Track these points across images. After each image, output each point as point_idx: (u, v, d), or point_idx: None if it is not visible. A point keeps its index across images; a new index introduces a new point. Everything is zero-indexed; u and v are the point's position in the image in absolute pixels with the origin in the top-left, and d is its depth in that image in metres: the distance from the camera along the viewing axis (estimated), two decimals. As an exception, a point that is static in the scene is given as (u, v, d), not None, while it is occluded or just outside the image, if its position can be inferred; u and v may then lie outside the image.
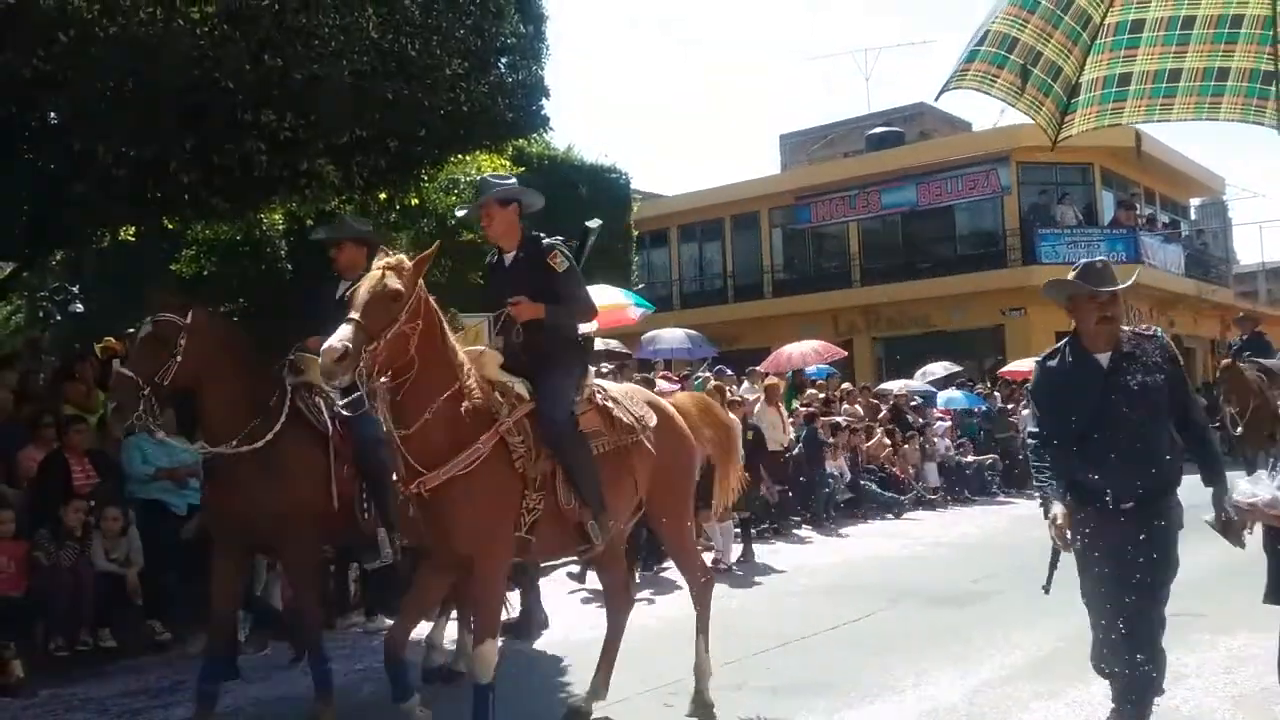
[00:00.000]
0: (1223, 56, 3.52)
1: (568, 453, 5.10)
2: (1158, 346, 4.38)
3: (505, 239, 5.73)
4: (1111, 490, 4.25)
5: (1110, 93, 3.69)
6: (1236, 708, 5.16)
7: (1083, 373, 4.36)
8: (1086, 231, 25.61)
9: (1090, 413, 4.27)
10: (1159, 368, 4.29)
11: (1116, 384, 4.27)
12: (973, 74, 3.49)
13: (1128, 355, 4.32)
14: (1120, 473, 4.23)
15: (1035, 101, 3.59)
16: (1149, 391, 4.24)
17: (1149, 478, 4.25)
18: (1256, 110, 3.57)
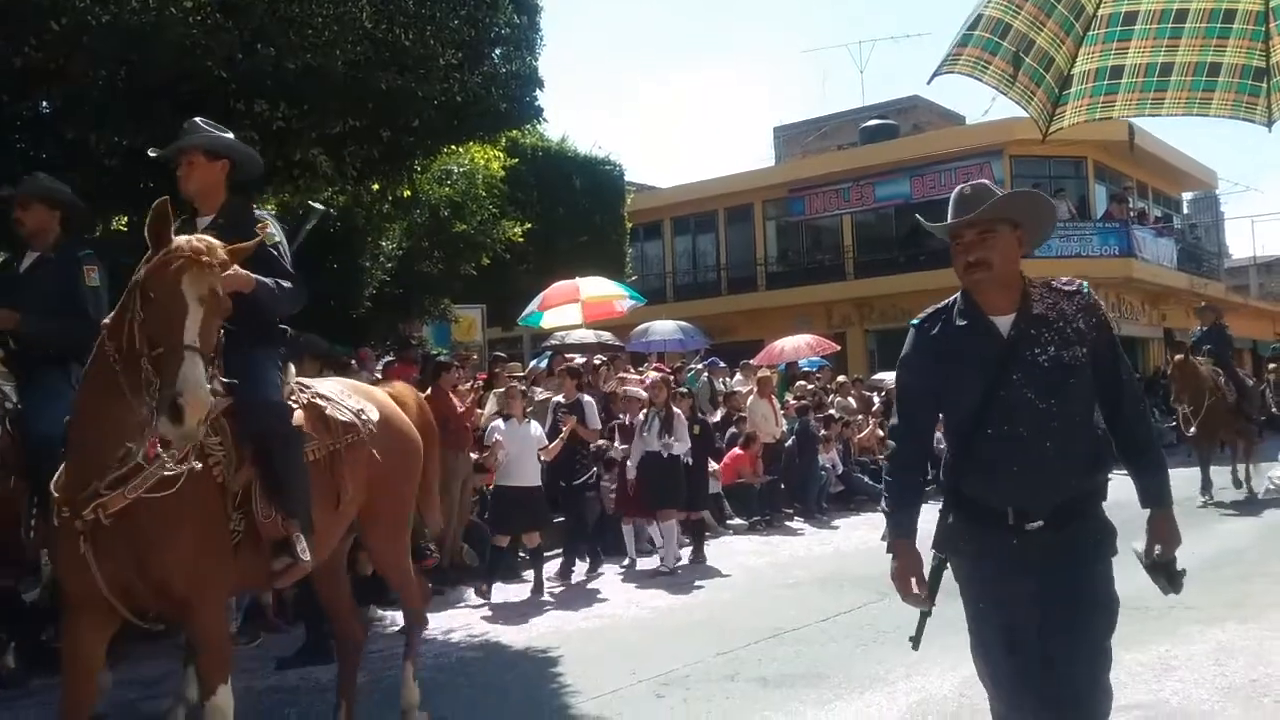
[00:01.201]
0: (1215, 51, 3.52)
1: (277, 452, 4.22)
2: (1081, 306, 3.18)
3: (204, 199, 4.59)
4: (1013, 506, 3.17)
5: (1102, 85, 3.68)
6: (1226, 699, 5.19)
7: (973, 342, 3.20)
8: (1079, 225, 25.68)
9: (981, 398, 3.14)
10: (1080, 336, 3.13)
11: (1019, 358, 3.12)
12: (965, 59, 3.49)
13: (1038, 320, 3.15)
14: (1023, 481, 3.14)
15: (1027, 91, 3.59)
16: (1064, 370, 3.10)
17: (1064, 488, 3.15)
18: (1247, 106, 3.57)
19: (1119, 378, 3.23)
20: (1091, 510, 3.28)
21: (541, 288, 15.28)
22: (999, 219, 3.19)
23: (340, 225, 14.47)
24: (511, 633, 7.58)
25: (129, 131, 7.57)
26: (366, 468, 4.79)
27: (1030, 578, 3.24)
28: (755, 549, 11.29)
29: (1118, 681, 5.45)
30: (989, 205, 3.19)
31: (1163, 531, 3.34)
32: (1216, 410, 13.19)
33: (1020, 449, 3.13)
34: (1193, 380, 13.19)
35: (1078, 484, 3.20)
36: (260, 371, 4.36)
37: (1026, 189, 3.19)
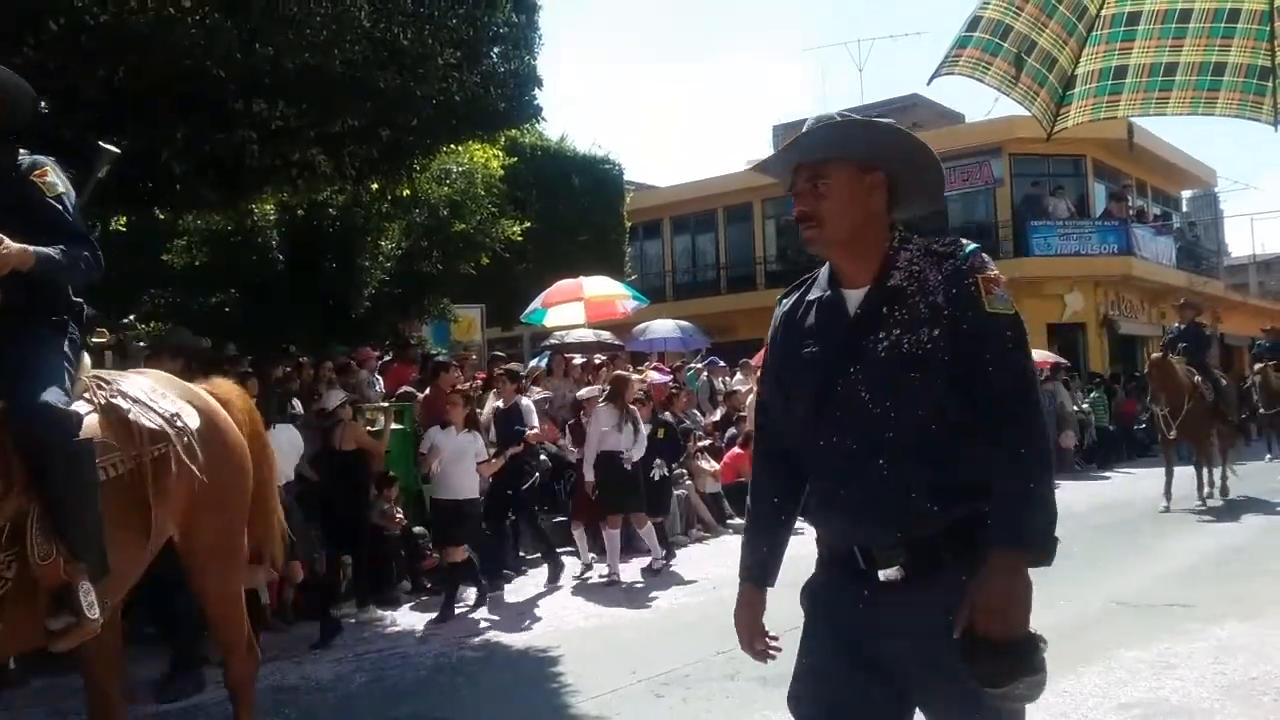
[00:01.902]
0: (1219, 51, 3.51)
1: (59, 473, 3.31)
2: (949, 275, 2.31)
3: None
4: (857, 545, 2.37)
5: (1106, 85, 3.67)
6: (1225, 697, 5.18)
7: (820, 323, 2.44)
8: (1079, 223, 25.68)
9: (813, 398, 2.37)
10: (935, 314, 2.29)
11: (859, 346, 2.33)
12: (965, 60, 3.48)
13: (892, 294, 2.33)
14: (857, 511, 2.34)
15: (1030, 91, 3.58)
16: (904, 361, 2.28)
17: (914, 522, 2.28)
18: (1253, 106, 3.56)
19: (986, 370, 2.25)
20: (969, 554, 2.24)
21: (541, 287, 15.28)
22: (836, 158, 2.35)
23: (339, 225, 14.48)
24: (511, 632, 7.58)
25: (127, 132, 7.56)
26: (184, 487, 3.89)
27: (882, 649, 2.32)
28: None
29: (1119, 679, 5.50)
30: (805, 134, 2.36)
31: (994, 589, 2.16)
32: (1195, 412, 12.74)
33: (849, 467, 2.32)
34: (1170, 380, 12.76)
35: (936, 518, 2.26)
36: (39, 365, 3.44)
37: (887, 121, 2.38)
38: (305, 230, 14.51)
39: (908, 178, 2.43)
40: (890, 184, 2.40)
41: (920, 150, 2.45)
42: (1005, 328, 2.30)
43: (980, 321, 2.28)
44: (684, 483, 12.17)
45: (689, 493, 12.16)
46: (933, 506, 2.26)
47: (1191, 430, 12.72)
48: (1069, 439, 19.42)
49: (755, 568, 2.65)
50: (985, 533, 2.23)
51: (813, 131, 2.38)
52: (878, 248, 2.40)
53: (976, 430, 2.27)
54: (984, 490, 2.24)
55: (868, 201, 2.38)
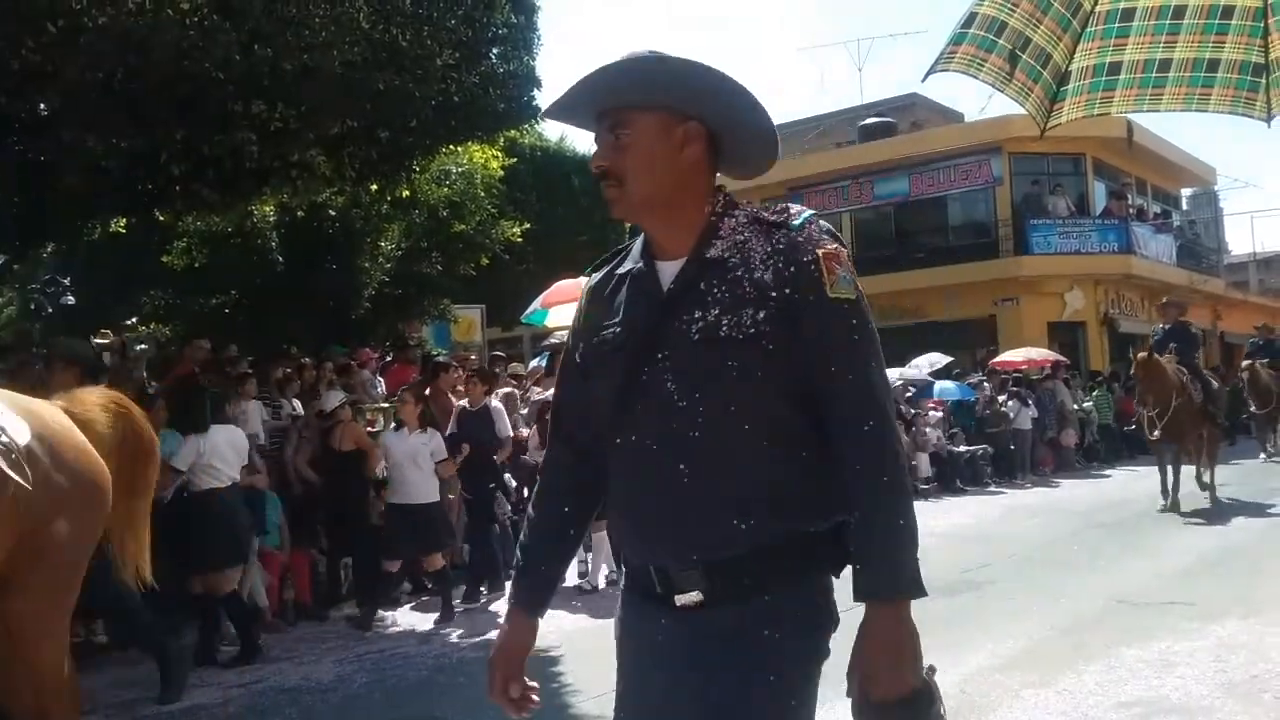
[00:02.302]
0: (1213, 48, 3.51)
1: None
2: (780, 247, 1.94)
3: None
4: (653, 565, 2.00)
5: (1100, 81, 3.67)
6: (1226, 695, 5.18)
7: (630, 300, 2.04)
8: (1078, 222, 25.68)
9: (616, 390, 1.98)
10: (762, 293, 1.91)
11: (670, 327, 1.95)
12: (960, 57, 3.48)
13: (712, 266, 1.96)
14: (655, 526, 1.97)
15: (1024, 88, 3.58)
16: (719, 346, 1.90)
17: (718, 540, 1.91)
18: (1246, 102, 3.56)
19: (829, 366, 1.90)
20: (783, 582, 1.92)
21: (541, 287, 15.25)
22: (640, 104, 1.96)
23: (339, 226, 14.51)
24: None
25: (126, 133, 7.58)
26: (8, 510, 3.45)
27: (676, 688, 1.96)
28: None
29: (1119, 678, 5.50)
30: (598, 71, 1.96)
31: (879, 649, 1.90)
32: (1183, 412, 12.31)
33: (647, 472, 1.95)
34: (1158, 380, 12.34)
35: (746, 535, 1.89)
36: None
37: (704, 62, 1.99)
38: (305, 231, 14.53)
39: (733, 130, 2.02)
40: (712, 138, 2.01)
41: (742, 96, 2.01)
42: (850, 317, 1.94)
43: (820, 309, 1.91)
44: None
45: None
46: (740, 524, 1.89)
47: (1176, 431, 12.37)
48: (1070, 437, 19.44)
49: (529, 590, 2.19)
50: (806, 560, 1.93)
51: (608, 69, 1.95)
52: (696, 213, 2.00)
53: (806, 437, 1.93)
54: (809, 508, 1.93)
55: (679, 157, 1.97)
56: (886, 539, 1.89)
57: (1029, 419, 18.14)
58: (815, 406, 1.94)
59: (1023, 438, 18.05)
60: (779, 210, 2.03)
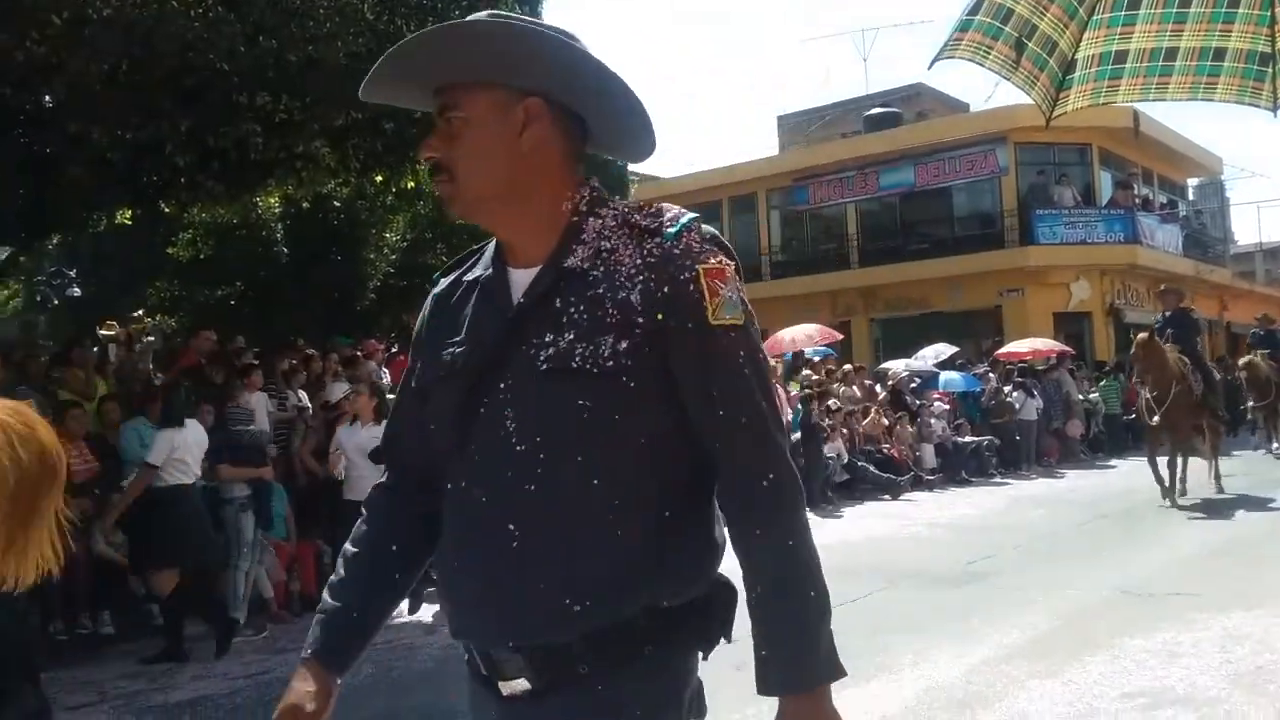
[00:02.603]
0: (1220, 36, 3.49)
1: None
2: (650, 260, 1.58)
3: None
4: (475, 646, 1.70)
5: (1106, 70, 3.66)
6: (1232, 686, 5.18)
7: (475, 312, 1.69)
8: (1084, 212, 25.60)
9: (452, 425, 1.64)
10: (627, 317, 1.55)
11: (516, 353, 1.60)
12: (966, 44, 3.46)
13: (571, 278, 1.60)
14: (474, 598, 1.63)
15: (1030, 76, 3.56)
16: (571, 380, 1.54)
17: (547, 622, 1.56)
18: (1252, 92, 3.55)
19: (714, 410, 1.55)
20: (630, 667, 1.57)
21: (545, 279, 15.31)
22: (468, 81, 1.61)
23: (344, 217, 14.52)
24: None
25: (131, 125, 7.59)
26: None
27: None
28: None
29: (1124, 668, 5.50)
30: (413, 40, 1.61)
31: None
32: (1181, 401, 12.00)
33: (472, 530, 1.60)
34: (1158, 363, 12.01)
35: (580, 618, 1.52)
36: None
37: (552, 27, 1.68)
38: (310, 223, 14.55)
39: (593, 111, 1.66)
40: (569, 119, 1.64)
41: (601, 72, 1.63)
42: (737, 347, 1.57)
43: (701, 339, 1.54)
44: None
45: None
46: (573, 605, 1.52)
47: (1175, 420, 12.04)
48: (1075, 428, 19.42)
49: (333, 639, 1.79)
50: (662, 641, 1.58)
51: (426, 35, 1.61)
52: (552, 211, 1.63)
53: (672, 496, 1.58)
54: (670, 581, 1.57)
55: (517, 142, 1.59)
56: (796, 619, 1.56)
57: (1034, 410, 18.12)
58: (686, 457, 1.59)
59: (1028, 428, 18.03)
60: (652, 212, 1.64)
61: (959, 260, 25.49)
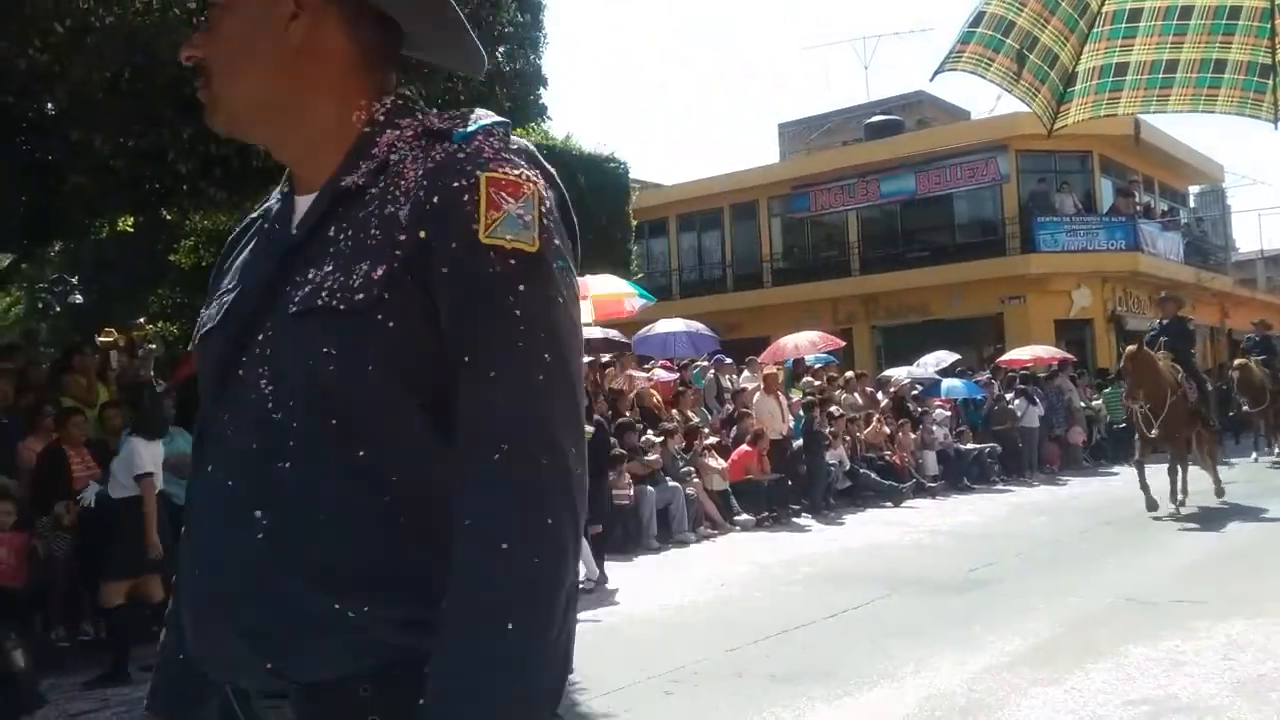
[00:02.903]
0: (1220, 48, 3.50)
1: None
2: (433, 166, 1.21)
3: None
4: (225, 679, 1.27)
5: (1107, 82, 3.67)
6: (1235, 694, 5.17)
7: (256, 247, 1.39)
8: (1085, 219, 25.61)
9: (211, 375, 1.31)
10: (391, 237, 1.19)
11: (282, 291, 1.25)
12: (968, 56, 3.47)
13: (346, 199, 1.26)
14: (214, 612, 1.22)
15: (1031, 88, 3.57)
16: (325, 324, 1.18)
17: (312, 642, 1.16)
18: (1253, 104, 3.55)
19: (462, 354, 1.18)
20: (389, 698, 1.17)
21: (547, 285, 15.29)
22: None
23: (345, 224, 14.53)
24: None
25: (133, 133, 7.60)
26: None
27: None
28: (762, 545, 11.27)
29: (1127, 676, 5.50)
30: None
31: None
32: (1178, 411, 11.76)
33: (214, 521, 1.27)
34: (1149, 375, 11.69)
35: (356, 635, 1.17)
36: None
37: None
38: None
39: (404, 9, 1.34)
40: (359, 13, 1.31)
41: None
42: (512, 280, 1.17)
43: (462, 259, 1.17)
44: (692, 481, 12.18)
45: (696, 491, 12.16)
46: (348, 613, 1.16)
47: (1172, 430, 11.80)
48: (1078, 435, 19.41)
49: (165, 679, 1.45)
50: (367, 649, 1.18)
51: None
52: (339, 124, 1.32)
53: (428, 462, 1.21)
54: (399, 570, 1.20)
55: (284, 37, 1.29)
56: (474, 633, 1.10)
57: (1036, 417, 18.13)
58: None
59: (1030, 436, 18.02)
60: (454, 115, 1.31)
61: (960, 268, 25.51)
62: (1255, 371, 16.75)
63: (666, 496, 11.64)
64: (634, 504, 11.16)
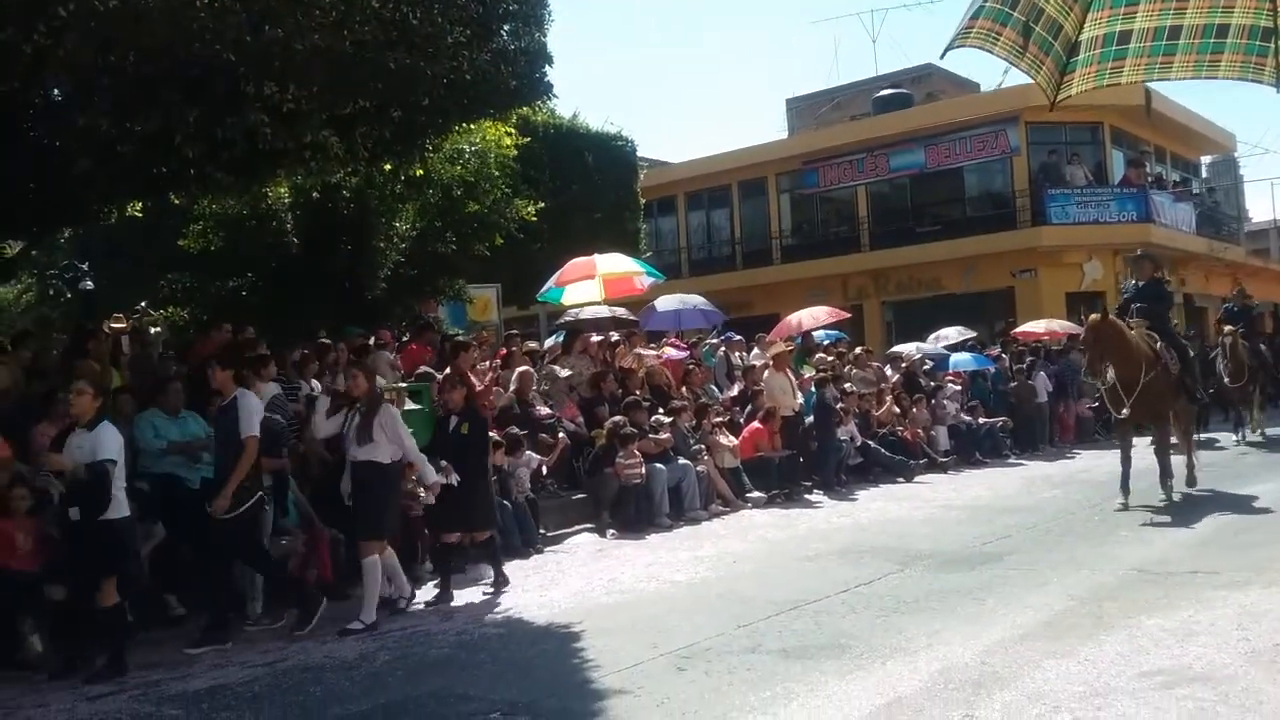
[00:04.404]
0: (1222, 13, 3.46)
1: None
2: None
3: None
4: None
5: (1110, 51, 3.64)
6: (1249, 663, 5.16)
7: None
8: (1096, 191, 25.47)
9: None
10: None
11: None
12: (977, 31, 3.45)
13: None
14: None
15: (1036, 60, 3.55)
16: None
17: None
18: (1255, 68, 3.52)
19: None
20: None
21: (556, 266, 15.28)
22: None
23: (353, 207, 14.52)
24: (533, 609, 7.61)
25: (140, 117, 7.58)
26: None
27: None
28: (774, 522, 11.29)
29: (1141, 647, 5.49)
30: None
31: None
32: (1157, 386, 10.51)
33: None
34: (1118, 345, 10.38)
35: None
36: None
37: None
38: (320, 213, 14.55)
39: None
40: None
41: None
42: None
43: None
44: (703, 458, 12.19)
45: (708, 468, 12.17)
46: None
47: (1150, 407, 10.65)
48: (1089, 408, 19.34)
49: None
50: None
51: None
52: None
53: None
54: None
55: None
56: None
57: (1045, 391, 18.09)
58: None
59: (1041, 410, 17.97)
60: None
61: (971, 241, 25.39)
62: (1241, 346, 15.76)
63: (678, 474, 11.64)
64: (645, 482, 11.17)
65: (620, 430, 11.26)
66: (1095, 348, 10.55)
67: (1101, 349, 10.46)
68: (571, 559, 9.69)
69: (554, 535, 10.57)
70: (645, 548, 10.07)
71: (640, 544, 10.29)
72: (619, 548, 10.15)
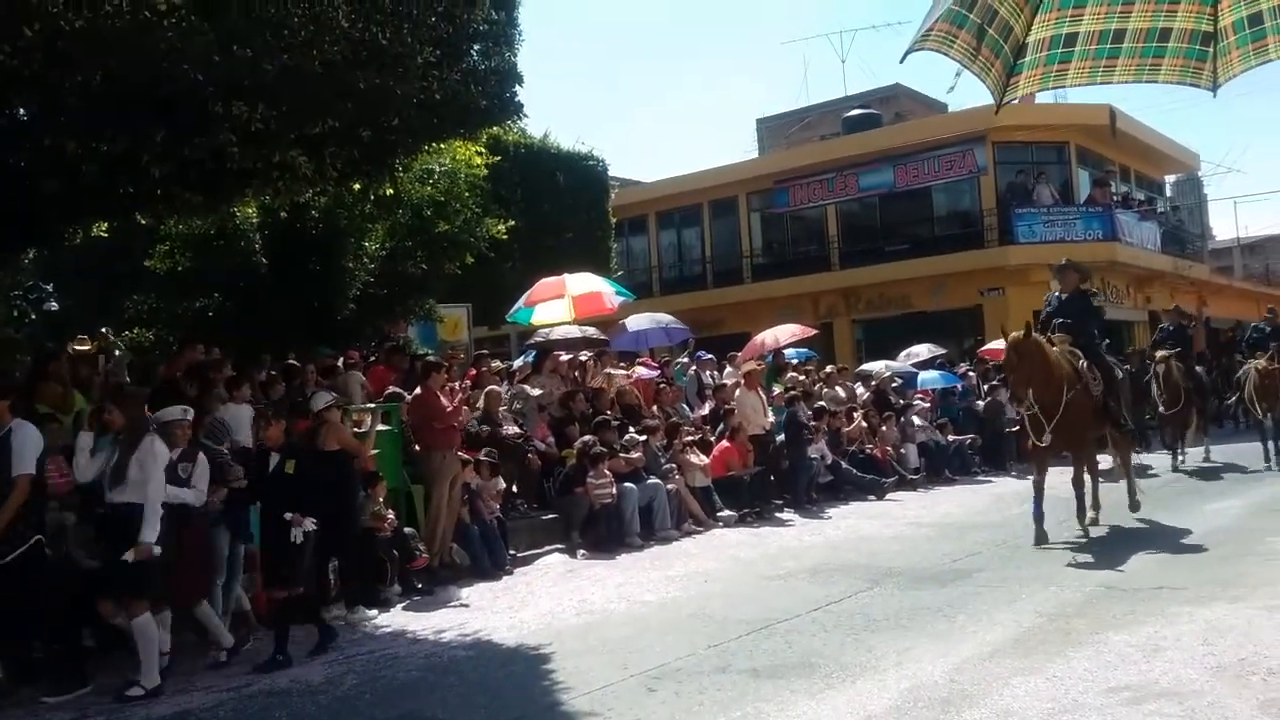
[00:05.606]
0: (1166, 16, 3.51)
1: None
2: None
3: None
4: None
5: (1056, 54, 3.67)
6: (1215, 678, 5.20)
7: None
8: (1063, 210, 25.74)
9: None
10: None
11: None
12: (934, 35, 3.47)
13: None
14: None
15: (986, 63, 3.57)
16: None
17: None
18: (1194, 72, 3.57)
19: None
20: None
21: (527, 285, 15.28)
22: None
23: (322, 226, 14.45)
24: (502, 630, 7.57)
25: (107, 137, 7.53)
26: None
27: None
28: (746, 540, 11.29)
29: (1108, 663, 5.52)
30: None
31: None
32: (1078, 409, 9.58)
33: None
34: (1039, 365, 9.37)
35: None
36: None
37: None
38: (288, 233, 14.47)
39: None
40: None
41: None
42: None
43: None
44: (674, 477, 12.18)
45: (679, 487, 12.17)
46: None
47: (1071, 432, 9.66)
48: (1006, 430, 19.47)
49: None
50: None
51: None
52: None
53: None
54: None
55: None
56: None
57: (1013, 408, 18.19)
58: None
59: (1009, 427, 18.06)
60: None
61: (939, 260, 25.57)
62: (1175, 370, 14.76)
63: (649, 493, 11.64)
64: (616, 502, 11.15)
65: (590, 450, 11.24)
66: (1019, 369, 9.47)
67: (1023, 370, 9.41)
68: (542, 580, 9.64)
69: (524, 556, 10.52)
70: (616, 568, 10.04)
71: (611, 564, 10.26)
72: (589, 568, 10.12)
